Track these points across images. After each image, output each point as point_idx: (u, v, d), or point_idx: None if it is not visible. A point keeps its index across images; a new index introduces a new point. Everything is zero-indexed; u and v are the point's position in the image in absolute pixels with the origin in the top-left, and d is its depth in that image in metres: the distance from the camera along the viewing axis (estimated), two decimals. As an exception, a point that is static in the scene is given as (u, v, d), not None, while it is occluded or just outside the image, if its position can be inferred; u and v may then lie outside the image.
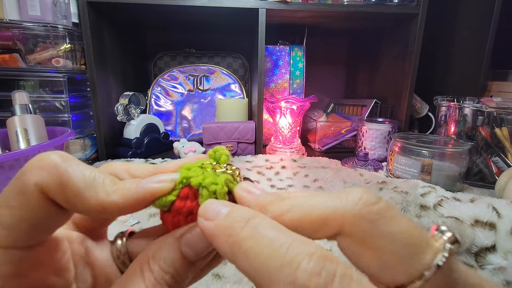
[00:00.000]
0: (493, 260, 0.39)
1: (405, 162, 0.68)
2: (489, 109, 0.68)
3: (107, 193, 0.13)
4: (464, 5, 0.95)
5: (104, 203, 0.13)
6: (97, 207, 0.13)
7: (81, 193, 0.13)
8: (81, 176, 0.13)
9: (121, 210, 0.13)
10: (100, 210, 0.13)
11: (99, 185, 0.13)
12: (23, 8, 0.74)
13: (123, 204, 0.13)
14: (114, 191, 0.13)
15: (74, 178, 0.13)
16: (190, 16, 0.92)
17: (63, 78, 0.77)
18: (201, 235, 0.14)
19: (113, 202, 0.13)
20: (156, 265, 0.13)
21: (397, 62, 0.95)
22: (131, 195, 0.14)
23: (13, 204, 0.12)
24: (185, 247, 0.14)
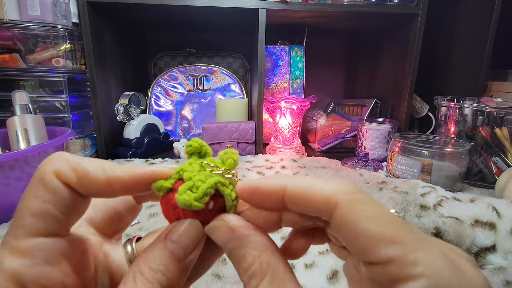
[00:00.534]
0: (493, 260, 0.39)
1: (405, 162, 0.68)
2: (489, 109, 0.68)
3: (114, 170, 0.14)
4: (464, 5, 0.95)
5: (111, 177, 0.14)
6: (105, 182, 0.14)
7: (89, 173, 0.14)
8: (88, 161, 0.14)
9: (126, 187, 0.15)
10: (108, 185, 0.14)
11: (106, 165, 0.15)
12: (23, 8, 0.74)
13: (129, 179, 0.15)
14: (120, 168, 0.15)
15: (83, 163, 0.14)
16: (190, 16, 0.92)
17: (63, 78, 0.77)
18: (186, 231, 0.15)
19: (120, 177, 0.14)
20: (147, 267, 0.14)
21: (397, 62, 0.95)
22: (135, 172, 0.15)
23: (37, 193, 0.13)
24: (172, 244, 0.14)
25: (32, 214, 0.13)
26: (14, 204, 0.14)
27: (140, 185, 0.15)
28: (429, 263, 0.11)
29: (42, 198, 0.13)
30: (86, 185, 0.14)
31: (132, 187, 0.15)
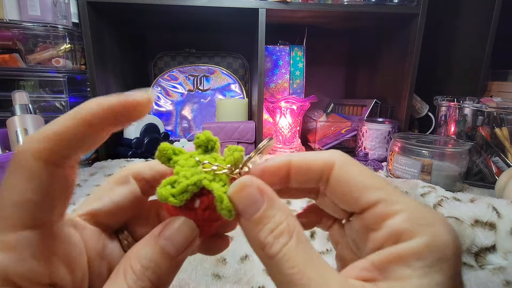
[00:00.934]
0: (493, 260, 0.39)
1: (405, 162, 0.68)
2: (489, 109, 0.68)
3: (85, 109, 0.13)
4: (464, 5, 0.95)
5: (87, 116, 0.13)
6: (82, 123, 0.13)
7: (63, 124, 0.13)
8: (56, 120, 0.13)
9: (103, 118, 0.14)
10: (87, 125, 0.13)
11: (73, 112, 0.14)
12: (23, 8, 0.74)
13: (103, 110, 0.13)
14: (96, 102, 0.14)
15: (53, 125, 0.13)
16: (190, 16, 0.92)
17: (63, 78, 0.77)
18: (179, 229, 0.15)
19: (95, 112, 0.13)
20: (138, 264, 0.14)
21: (397, 62, 0.94)
22: (108, 102, 0.14)
23: (14, 181, 0.13)
24: (164, 241, 0.14)
25: (13, 204, 0.12)
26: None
27: (118, 115, 0.14)
28: (405, 202, 0.14)
29: (20, 185, 0.13)
30: (64, 140, 0.13)
31: (109, 117, 0.14)
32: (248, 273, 0.37)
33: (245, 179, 0.15)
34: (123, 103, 0.14)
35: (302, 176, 0.16)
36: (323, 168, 0.15)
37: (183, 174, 0.15)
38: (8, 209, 0.12)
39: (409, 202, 0.14)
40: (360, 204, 0.15)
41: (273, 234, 0.14)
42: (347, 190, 0.15)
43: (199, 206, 0.15)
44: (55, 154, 0.13)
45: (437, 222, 0.13)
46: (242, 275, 0.37)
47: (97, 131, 0.14)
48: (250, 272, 0.37)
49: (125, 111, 0.14)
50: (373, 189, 0.14)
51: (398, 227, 0.13)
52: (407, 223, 0.13)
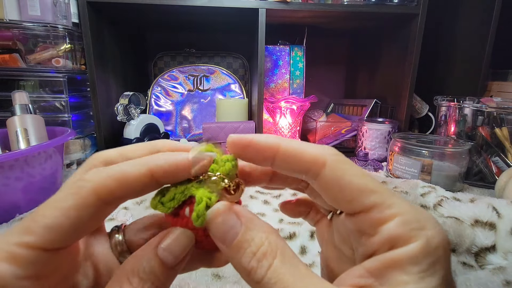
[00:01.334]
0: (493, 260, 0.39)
1: (405, 162, 0.68)
2: (489, 109, 0.68)
3: (154, 161, 0.14)
4: (464, 5, 0.95)
5: (153, 168, 0.14)
6: (147, 174, 0.14)
7: (129, 173, 0.14)
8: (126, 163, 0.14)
9: (167, 175, 0.14)
10: (150, 177, 0.14)
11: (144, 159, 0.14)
12: (23, 8, 0.74)
13: (169, 167, 0.14)
14: (158, 157, 0.15)
15: (122, 166, 0.14)
16: (190, 16, 0.92)
17: (63, 78, 0.77)
18: (177, 239, 0.15)
19: (160, 166, 0.14)
20: (136, 276, 0.14)
21: (397, 62, 0.94)
22: (177, 159, 0.15)
23: (63, 205, 0.13)
24: (164, 252, 0.14)
25: (46, 225, 0.12)
26: (14, 204, 0.13)
27: (180, 173, 0.15)
28: (400, 206, 0.14)
29: (65, 211, 0.13)
30: (128, 185, 0.14)
31: (172, 174, 0.15)
32: (248, 273, 0.37)
33: (219, 206, 0.14)
34: (188, 164, 0.15)
35: (288, 164, 0.15)
36: (311, 164, 0.15)
37: (174, 184, 0.16)
38: (39, 227, 0.12)
39: (402, 204, 0.14)
40: (353, 208, 0.14)
41: (256, 257, 0.13)
42: (338, 191, 0.14)
43: (189, 214, 0.15)
44: (113, 196, 0.13)
45: (429, 224, 0.13)
46: (242, 275, 0.37)
47: (155, 184, 0.14)
48: (250, 272, 0.37)
49: (185, 171, 0.15)
50: (366, 192, 0.14)
51: (393, 232, 0.13)
52: (402, 228, 0.13)
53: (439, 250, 0.13)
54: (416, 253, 0.13)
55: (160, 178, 0.14)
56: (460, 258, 0.40)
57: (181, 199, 0.15)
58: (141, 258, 0.14)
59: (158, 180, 0.14)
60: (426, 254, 0.13)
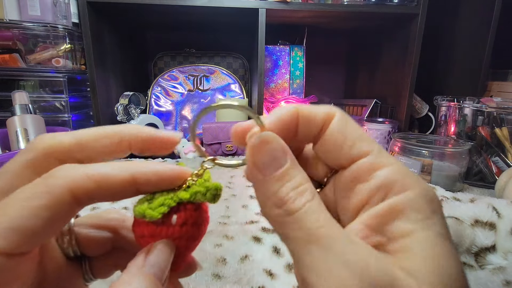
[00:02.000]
0: (493, 260, 0.39)
1: (405, 162, 0.68)
2: (489, 109, 0.68)
3: (140, 167, 0.14)
4: (464, 5, 0.95)
5: (136, 174, 0.13)
6: (129, 180, 0.13)
7: (110, 175, 0.13)
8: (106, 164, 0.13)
9: (150, 183, 0.14)
10: (132, 183, 0.13)
11: (127, 164, 0.14)
12: (23, 8, 0.74)
13: (153, 176, 0.14)
14: (143, 165, 0.14)
15: (101, 168, 0.13)
16: (190, 16, 0.92)
17: (63, 78, 0.77)
18: (162, 251, 0.14)
19: (144, 173, 0.14)
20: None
21: (397, 62, 0.94)
22: (163, 170, 0.14)
23: (33, 204, 0.11)
24: (152, 269, 0.13)
25: (13, 228, 0.11)
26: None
27: (164, 183, 0.14)
28: (393, 159, 0.14)
29: (38, 213, 0.11)
30: (107, 189, 0.13)
31: (155, 184, 0.14)
32: (248, 273, 0.37)
33: (268, 134, 0.14)
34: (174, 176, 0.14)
35: (308, 125, 0.15)
36: (326, 118, 0.15)
37: (160, 192, 0.15)
38: (3, 228, 0.11)
39: (395, 159, 0.14)
40: (352, 153, 0.14)
41: (296, 190, 0.13)
42: (342, 139, 0.14)
43: (176, 222, 0.15)
44: (88, 198, 0.12)
45: (419, 178, 0.13)
46: (242, 275, 0.37)
47: (134, 191, 0.14)
48: (250, 272, 0.37)
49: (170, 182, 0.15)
50: (366, 141, 0.14)
51: (390, 177, 0.13)
52: (399, 174, 0.13)
53: (436, 199, 0.13)
54: (418, 199, 0.12)
55: (142, 186, 0.14)
56: (460, 258, 0.40)
57: (170, 205, 0.15)
58: (131, 282, 0.13)
59: (139, 188, 0.14)
60: (427, 201, 0.12)
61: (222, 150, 0.89)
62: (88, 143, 0.14)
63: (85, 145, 0.14)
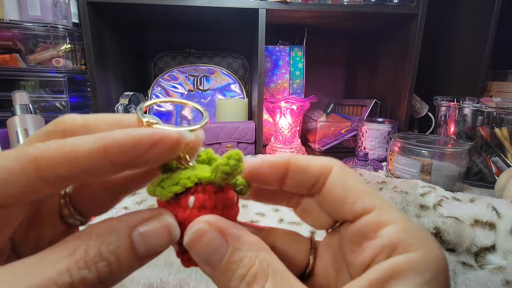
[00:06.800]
0: (493, 260, 0.39)
1: (405, 162, 0.68)
2: (489, 109, 0.68)
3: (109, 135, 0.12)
4: (464, 5, 0.95)
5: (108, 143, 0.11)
6: (99, 150, 0.11)
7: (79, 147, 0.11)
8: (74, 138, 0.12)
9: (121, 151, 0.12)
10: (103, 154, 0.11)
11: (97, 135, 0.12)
12: (23, 8, 0.74)
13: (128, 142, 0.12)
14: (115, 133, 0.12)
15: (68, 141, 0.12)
16: (190, 16, 0.92)
17: (63, 78, 0.77)
18: (160, 231, 0.13)
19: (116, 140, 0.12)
20: (95, 249, 0.11)
21: (397, 62, 0.95)
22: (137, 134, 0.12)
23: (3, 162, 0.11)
24: (139, 238, 0.12)
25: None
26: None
27: (139, 151, 0.12)
28: (397, 213, 0.14)
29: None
30: (74, 162, 0.11)
31: (130, 152, 0.12)
32: (248, 273, 0.37)
33: (201, 225, 0.13)
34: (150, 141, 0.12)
35: (300, 176, 0.15)
36: (321, 171, 0.15)
37: (182, 170, 0.14)
38: None
39: (400, 213, 0.14)
40: (355, 209, 0.14)
41: (246, 281, 0.12)
42: (343, 194, 0.14)
43: (193, 205, 0.13)
44: (54, 172, 0.11)
45: (428, 236, 0.13)
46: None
47: (109, 165, 0.12)
48: (250, 272, 0.37)
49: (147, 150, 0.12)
50: (369, 195, 0.14)
51: (394, 237, 0.13)
52: (403, 233, 0.13)
53: (440, 261, 0.12)
54: (419, 262, 0.12)
55: (115, 156, 0.11)
56: (460, 258, 0.40)
57: (186, 184, 0.13)
58: (112, 230, 0.12)
59: (113, 160, 0.11)
60: (428, 265, 0.12)
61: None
62: (92, 127, 0.14)
63: (91, 128, 0.14)
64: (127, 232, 0.12)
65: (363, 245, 0.14)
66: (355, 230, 0.14)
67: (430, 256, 0.12)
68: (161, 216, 0.13)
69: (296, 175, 0.15)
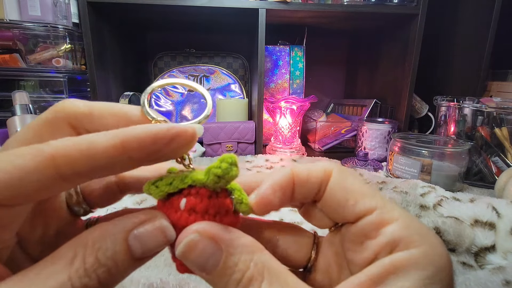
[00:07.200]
0: (493, 260, 0.39)
1: (405, 162, 0.68)
2: (489, 109, 0.68)
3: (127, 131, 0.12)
4: (464, 5, 0.95)
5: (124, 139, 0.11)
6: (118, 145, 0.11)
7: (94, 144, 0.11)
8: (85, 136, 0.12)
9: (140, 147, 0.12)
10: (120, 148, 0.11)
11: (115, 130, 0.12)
12: (23, 8, 0.74)
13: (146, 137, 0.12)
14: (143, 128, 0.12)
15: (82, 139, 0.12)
16: (190, 16, 0.92)
17: (63, 78, 0.77)
18: (155, 232, 0.13)
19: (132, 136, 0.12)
20: (93, 256, 0.11)
21: (397, 62, 0.95)
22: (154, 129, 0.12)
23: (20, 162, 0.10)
24: (135, 241, 0.12)
25: None
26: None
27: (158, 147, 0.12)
28: (400, 210, 0.14)
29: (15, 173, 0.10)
30: (91, 159, 0.11)
31: (149, 148, 0.12)
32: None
33: (191, 236, 0.13)
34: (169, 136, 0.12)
35: (304, 189, 0.15)
36: (322, 178, 0.15)
37: (176, 173, 0.14)
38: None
39: (402, 211, 0.14)
40: (357, 211, 0.14)
41: (242, 284, 0.12)
42: (344, 197, 0.14)
43: (184, 207, 0.13)
44: (72, 170, 0.11)
45: (430, 233, 0.13)
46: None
47: (128, 160, 0.12)
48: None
49: (166, 145, 0.12)
50: (369, 196, 0.14)
51: (396, 234, 0.13)
52: (405, 230, 0.13)
53: (443, 259, 0.12)
54: (420, 257, 0.12)
55: (134, 152, 0.11)
56: (460, 258, 0.40)
57: (179, 186, 0.13)
58: (107, 235, 0.12)
59: (131, 156, 0.12)
60: (430, 261, 0.12)
61: (222, 150, 0.89)
62: (97, 117, 0.14)
63: (96, 117, 0.14)
64: (123, 236, 0.12)
65: (365, 244, 0.14)
66: (357, 230, 0.14)
67: (432, 252, 0.12)
68: (155, 218, 0.13)
69: (301, 187, 0.15)
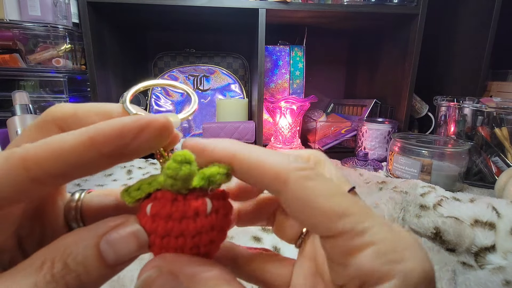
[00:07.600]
0: (493, 260, 0.39)
1: (405, 162, 0.68)
2: (489, 109, 0.68)
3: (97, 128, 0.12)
4: (464, 5, 0.95)
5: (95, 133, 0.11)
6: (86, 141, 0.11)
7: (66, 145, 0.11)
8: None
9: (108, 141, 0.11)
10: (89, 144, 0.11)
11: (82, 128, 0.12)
12: (23, 8, 0.74)
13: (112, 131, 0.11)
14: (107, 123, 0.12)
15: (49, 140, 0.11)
16: (190, 16, 0.92)
17: (63, 78, 0.77)
18: (127, 238, 0.12)
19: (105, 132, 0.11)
20: (62, 262, 0.11)
21: (397, 62, 0.95)
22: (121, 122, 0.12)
23: None
24: (107, 246, 0.12)
25: None
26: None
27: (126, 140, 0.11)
28: (375, 232, 0.11)
29: None
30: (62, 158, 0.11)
31: (117, 141, 0.11)
32: (248, 273, 0.37)
33: (150, 272, 0.12)
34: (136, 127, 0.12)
35: (245, 178, 0.13)
36: (272, 179, 0.12)
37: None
38: None
39: (378, 229, 0.11)
40: (320, 232, 0.12)
41: None
42: (303, 213, 0.12)
43: (149, 212, 0.13)
44: (44, 171, 0.11)
45: (408, 253, 0.11)
46: (242, 275, 0.37)
47: (98, 156, 0.11)
48: (250, 272, 0.37)
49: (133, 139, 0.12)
50: (334, 216, 0.11)
51: (365, 267, 0.11)
52: (376, 261, 0.11)
53: (421, 281, 0.11)
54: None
55: (103, 147, 0.11)
56: (460, 258, 0.40)
57: (146, 190, 0.13)
58: (80, 240, 0.12)
59: (102, 151, 0.11)
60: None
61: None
62: (82, 117, 0.14)
63: (81, 117, 0.14)
64: (94, 242, 0.12)
65: (334, 269, 0.12)
66: (326, 249, 0.13)
67: (405, 285, 0.11)
68: (128, 223, 0.12)
69: (240, 175, 0.13)
